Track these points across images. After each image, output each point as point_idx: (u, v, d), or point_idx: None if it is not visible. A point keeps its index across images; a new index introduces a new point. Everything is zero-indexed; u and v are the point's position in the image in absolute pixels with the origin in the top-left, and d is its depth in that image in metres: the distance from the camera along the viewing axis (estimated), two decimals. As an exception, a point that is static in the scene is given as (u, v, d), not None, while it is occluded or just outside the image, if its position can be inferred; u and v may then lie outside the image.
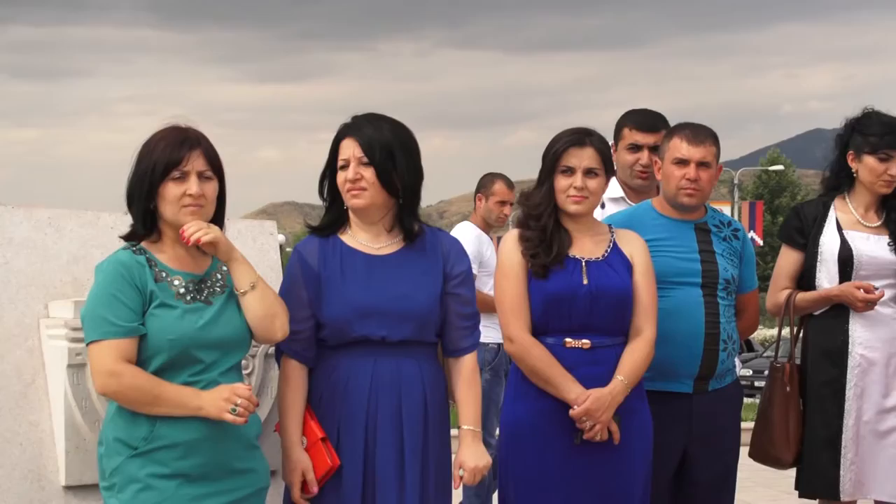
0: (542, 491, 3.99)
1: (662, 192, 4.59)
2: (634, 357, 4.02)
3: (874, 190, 4.82)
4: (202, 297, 3.39)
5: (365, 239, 3.75)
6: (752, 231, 34.24)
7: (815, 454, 4.74)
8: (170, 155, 3.33)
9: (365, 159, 3.65)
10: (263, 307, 3.43)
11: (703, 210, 4.60)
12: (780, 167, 60.58)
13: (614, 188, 5.03)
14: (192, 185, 3.34)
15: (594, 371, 3.98)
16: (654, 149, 4.86)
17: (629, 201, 5.06)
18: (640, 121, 5.06)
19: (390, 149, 3.67)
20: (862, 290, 4.66)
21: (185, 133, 3.40)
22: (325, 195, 3.79)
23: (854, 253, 4.74)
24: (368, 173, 3.65)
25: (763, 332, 33.58)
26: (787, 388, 4.77)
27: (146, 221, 3.38)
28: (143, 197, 3.35)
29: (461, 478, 3.72)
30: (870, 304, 4.66)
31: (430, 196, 4.86)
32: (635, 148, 5.04)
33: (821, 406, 4.74)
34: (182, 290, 3.36)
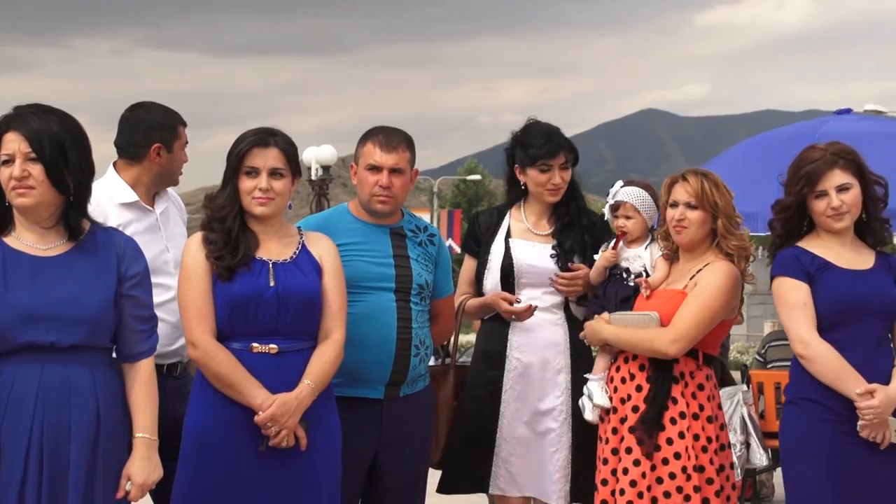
0: (226, 500, 3.87)
1: (358, 196, 4.56)
2: (323, 360, 3.97)
3: (543, 199, 4.91)
4: None
5: (30, 240, 3.51)
6: (450, 238, 35.04)
7: (462, 451, 4.81)
8: None
9: (32, 155, 3.43)
10: None
11: (400, 215, 4.61)
12: (478, 177, 62.25)
13: (125, 192, 4.49)
14: None
15: (282, 376, 3.89)
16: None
17: (144, 205, 4.52)
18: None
19: (61, 143, 3.45)
20: (508, 302, 4.77)
21: None
22: None
23: (515, 262, 4.85)
24: (36, 170, 3.43)
25: (463, 338, 34.37)
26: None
27: None
28: None
29: (128, 492, 3.52)
30: (517, 317, 4.77)
31: (124, 198, 4.64)
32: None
33: (476, 406, 4.83)
34: None
